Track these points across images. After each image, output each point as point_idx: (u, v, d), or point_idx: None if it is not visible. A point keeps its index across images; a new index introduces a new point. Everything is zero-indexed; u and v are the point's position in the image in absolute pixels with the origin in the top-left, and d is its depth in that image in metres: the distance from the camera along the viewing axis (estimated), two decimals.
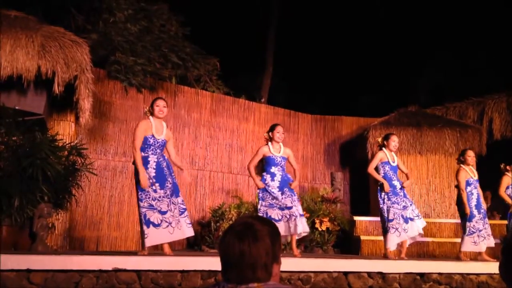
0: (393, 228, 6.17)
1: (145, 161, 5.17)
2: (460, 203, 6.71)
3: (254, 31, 13.65)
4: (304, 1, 14.44)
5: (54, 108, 7.27)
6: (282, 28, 13.57)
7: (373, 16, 14.48)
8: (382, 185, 6.32)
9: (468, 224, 6.58)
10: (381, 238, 8.22)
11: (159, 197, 5.09)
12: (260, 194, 5.92)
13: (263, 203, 5.86)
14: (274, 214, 5.78)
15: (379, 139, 6.66)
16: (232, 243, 1.58)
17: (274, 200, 5.83)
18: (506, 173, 7.36)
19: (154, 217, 5.01)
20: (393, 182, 6.34)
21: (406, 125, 9.95)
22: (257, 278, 1.57)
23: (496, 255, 6.82)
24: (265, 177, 5.92)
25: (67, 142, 6.67)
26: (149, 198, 5.06)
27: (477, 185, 6.76)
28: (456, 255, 6.96)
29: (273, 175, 5.89)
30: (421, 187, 9.68)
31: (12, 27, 6.67)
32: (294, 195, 5.93)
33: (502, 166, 7.45)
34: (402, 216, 6.23)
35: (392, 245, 6.23)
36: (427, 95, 13.56)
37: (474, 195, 6.67)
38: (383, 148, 6.49)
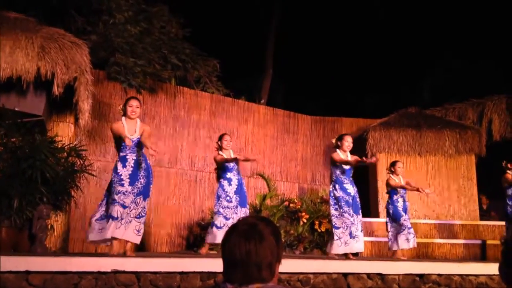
0: (336, 236, 6.08)
1: (124, 160, 5.14)
2: (387, 205, 7.33)
3: (254, 32, 13.66)
4: (304, 2, 14.44)
5: (53, 110, 7.26)
6: (282, 29, 13.58)
7: (374, 17, 14.49)
8: (335, 186, 6.22)
9: (397, 222, 7.11)
10: (381, 239, 8.27)
11: (126, 191, 5.03)
12: (215, 201, 6.23)
13: (214, 209, 6.21)
14: (218, 221, 6.08)
15: (333, 140, 6.49)
16: (238, 243, 1.60)
17: (224, 209, 6.10)
18: (508, 171, 7.36)
19: (114, 209, 4.97)
20: (344, 185, 6.21)
21: (405, 126, 9.96)
22: (262, 278, 1.58)
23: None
24: (222, 183, 6.21)
25: (66, 144, 6.66)
26: (113, 193, 5.02)
27: (404, 193, 7.32)
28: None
29: (229, 180, 6.21)
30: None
31: (12, 28, 6.67)
32: (242, 207, 6.20)
33: (503, 163, 7.48)
34: (349, 228, 6.10)
35: (336, 251, 6.11)
36: (430, 96, 13.57)
37: (400, 202, 7.26)
38: (337, 150, 6.33)
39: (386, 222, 7.38)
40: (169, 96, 9.05)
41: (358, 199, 6.29)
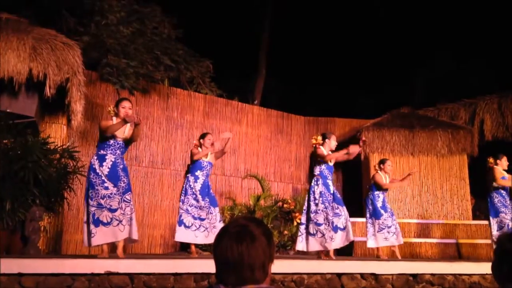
0: (320, 232, 5.96)
1: (102, 159, 5.07)
2: (367, 200, 7.44)
3: (248, 33, 13.65)
4: (297, 3, 14.46)
5: (45, 111, 7.23)
6: (276, 30, 13.59)
7: (367, 17, 14.52)
8: (317, 181, 6.17)
9: (377, 221, 7.20)
10: None
11: (111, 193, 4.97)
12: (182, 197, 6.26)
13: (183, 206, 6.20)
14: (187, 220, 6.13)
15: (318, 138, 6.45)
16: (230, 246, 1.59)
17: (192, 207, 6.16)
18: (495, 166, 7.31)
19: (103, 215, 4.91)
20: (327, 180, 6.21)
21: (398, 127, 10.00)
22: (255, 279, 1.58)
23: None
24: (189, 178, 6.32)
25: (59, 145, 6.63)
26: (98, 196, 4.94)
27: (386, 191, 7.47)
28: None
29: (196, 178, 6.31)
30: (413, 188, 9.72)
31: (3, 29, 6.63)
32: (214, 207, 6.29)
33: (491, 161, 7.38)
34: (333, 223, 6.03)
35: (315, 249, 6.03)
36: (422, 96, 13.62)
37: (381, 197, 7.35)
38: (321, 147, 6.36)
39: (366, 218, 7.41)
40: (162, 97, 9.03)
41: (338, 194, 6.31)
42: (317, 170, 6.28)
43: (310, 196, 6.19)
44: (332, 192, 6.21)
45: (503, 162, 7.28)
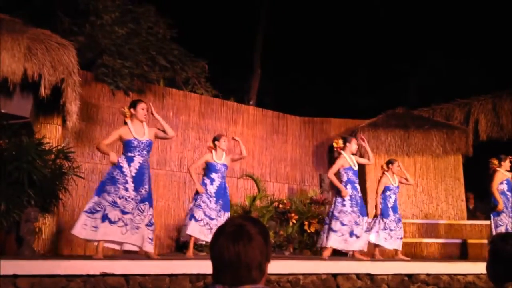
0: (340, 232, 6.28)
1: (130, 160, 5.14)
2: (382, 202, 7.37)
3: (243, 33, 13.65)
4: (293, 3, 14.47)
5: (40, 111, 7.19)
6: (271, 30, 13.60)
7: (362, 17, 14.54)
8: (346, 186, 6.40)
9: (384, 220, 7.23)
10: None
11: (128, 197, 5.01)
12: (196, 196, 6.32)
13: (195, 202, 6.26)
14: (198, 214, 6.15)
15: (339, 142, 6.67)
16: (226, 245, 1.59)
17: (204, 204, 6.21)
18: (498, 169, 7.31)
19: (113, 213, 4.93)
20: (355, 184, 6.50)
21: (393, 127, 10.02)
22: (252, 279, 1.58)
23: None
24: (205, 181, 6.38)
25: (54, 146, 6.61)
26: (116, 195, 4.97)
27: (397, 191, 7.41)
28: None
29: (212, 180, 6.37)
30: (408, 188, 9.73)
31: None
32: (225, 211, 6.35)
33: (495, 162, 7.36)
34: (352, 227, 6.34)
35: (333, 245, 6.32)
36: (417, 96, 13.65)
37: (392, 198, 7.35)
38: (343, 152, 6.56)
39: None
40: (157, 97, 9.02)
41: (362, 202, 6.60)
42: (344, 177, 6.49)
43: (337, 198, 6.43)
44: (360, 195, 6.51)
45: (506, 164, 7.33)
